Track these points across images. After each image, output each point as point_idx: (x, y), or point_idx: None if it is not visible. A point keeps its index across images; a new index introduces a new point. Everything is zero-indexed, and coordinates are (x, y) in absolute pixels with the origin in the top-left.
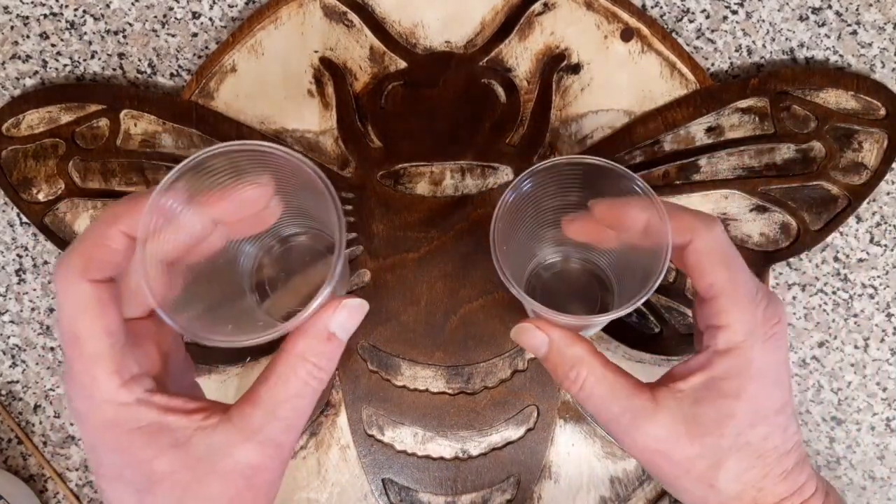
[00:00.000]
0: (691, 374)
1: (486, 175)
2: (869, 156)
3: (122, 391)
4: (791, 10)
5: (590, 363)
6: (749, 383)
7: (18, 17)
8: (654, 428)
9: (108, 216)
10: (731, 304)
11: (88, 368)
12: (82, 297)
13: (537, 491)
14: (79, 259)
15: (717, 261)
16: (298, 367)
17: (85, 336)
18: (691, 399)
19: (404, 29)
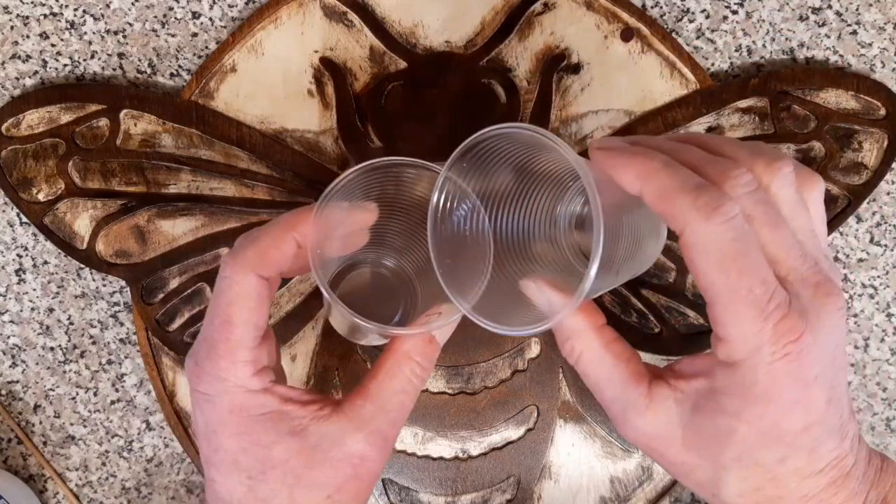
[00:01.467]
0: (694, 376)
1: None
2: (869, 156)
3: (254, 379)
4: (791, 10)
5: (587, 339)
6: (752, 405)
7: (18, 17)
8: (646, 425)
9: (285, 222)
10: (728, 315)
11: (231, 353)
12: (247, 287)
13: (537, 491)
14: (254, 253)
15: (713, 261)
16: (404, 364)
17: (237, 322)
18: (691, 404)
19: (404, 29)
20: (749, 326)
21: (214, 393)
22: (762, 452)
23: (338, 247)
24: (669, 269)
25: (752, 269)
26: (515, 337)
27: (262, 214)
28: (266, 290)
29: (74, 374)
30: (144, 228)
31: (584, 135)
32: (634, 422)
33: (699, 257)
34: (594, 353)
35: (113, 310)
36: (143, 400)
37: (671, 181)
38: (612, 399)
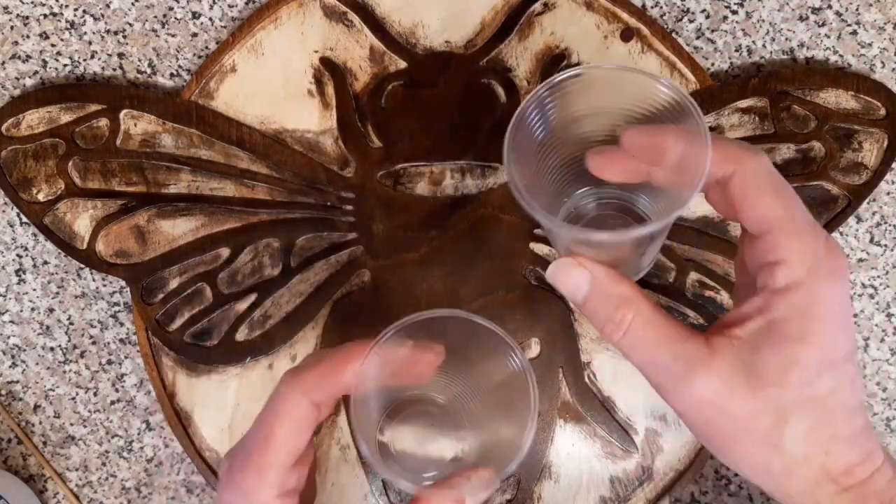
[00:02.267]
0: (747, 319)
1: (486, 175)
2: (869, 156)
3: (276, 500)
4: (791, 10)
5: (637, 303)
6: (815, 324)
7: (18, 17)
8: (711, 377)
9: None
10: (789, 236)
11: (262, 469)
12: (296, 410)
13: (537, 491)
14: (312, 378)
15: (768, 189)
16: None
17: (277, 441)
18: (750, 345)
19: (404, 29)
20: (809, 242)
21: (235, 502)
22: (819, 381)
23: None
24: (669, 269)
25: (796, 196)
26: (516, 337)
27: (262, 214)
28: (314, 415)
29: (74, 374)
30: (144, 228)
31: None
32: (701, 376)
33: (755, 188)
34: (645, 313)
35: (113, 310)
36: (143, 400)
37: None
38: (672, 358)
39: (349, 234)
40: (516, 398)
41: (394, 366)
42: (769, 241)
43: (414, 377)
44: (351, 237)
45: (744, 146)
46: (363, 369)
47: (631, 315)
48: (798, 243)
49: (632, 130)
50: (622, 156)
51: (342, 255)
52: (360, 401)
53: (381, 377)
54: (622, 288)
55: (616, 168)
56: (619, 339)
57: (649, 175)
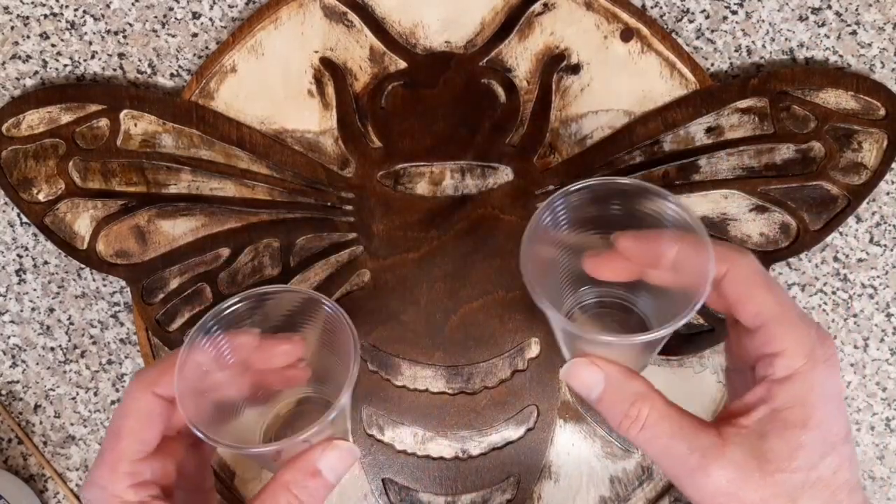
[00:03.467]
0: (751, 409)
1: (486, 175)
2: (868, 156)
3: (130, 490)
4: (791, 10)
5: (652, 399)
6: (814, 410)
7: (18, 17)
8: (726, 466)
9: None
10: (784, 328)
11: (113, 463)
12: (139, 404)
13: (537, 491)
14: (154, 373)
15: (760, 286)
16: (280, 494)
17: (124, 435)
18: (757, 434)
19: (404, 29)
20: (803, 333)
21: (93, 498)
22: (823, 463)
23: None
24: None
25: (784, 290)
26: (516, 337)
27: (262, 214)
28: (159, 408)
29: (75, 374)
30: (144, 228)
31: (583, 135)
32: (716, 467)
33: (748, 285)
34: (660, 408)
35: (113, 310)
36: None
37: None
38: (688, 450)
39: (349, 234)
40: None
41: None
42: (766, 334)
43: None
44: (351, 237)
45: (732, 247)
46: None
47: (647, 410)
48: (793, 335)
49: (625, 236)
50: (617, 257)
51: (342, 255)
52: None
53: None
54: (636, 384)
55: (611, 269)
56: (637, 434)
57: (645, 275)
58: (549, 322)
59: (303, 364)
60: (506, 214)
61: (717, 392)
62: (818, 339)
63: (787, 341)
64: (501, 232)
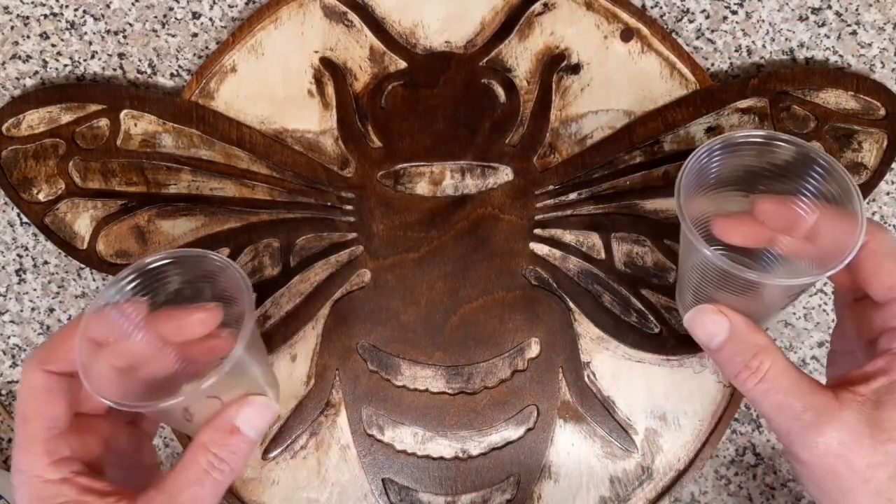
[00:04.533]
0: (871, 378)
1: (486, 175)
2: (868, 156)
3: (49, 468)
4: (791, 10)
5: (773, 354)
6: None
7: (18, 17)
8: (839, 429)
9: (76, 321)
10: None
11: (27, 445)
12: (34, 384)
13: (537, 491)
14: (41, 352)
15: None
16: (200, 455)
17: (29, 417)
18: (873, 402)
19: (404, 29)
20: None
21: (17, 484)
22: None
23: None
24: (669, 270)
25: None
26: (516, 337)
27: (262, 214)
28: (57, 384)
29: None
30: (144, 228)
31: (584, 135)
32: (829, 427)
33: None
34: (781, 363)
35: None
36: None
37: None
38: (803, 408)
39: (349, 234)
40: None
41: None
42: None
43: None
44: (351, 237)
45: (870, 221)
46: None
47: (768, 363)
48: None
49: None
50: (751, 221)
51: (342, 255)
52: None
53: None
54: (759, 337)
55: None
56: (754, 386)
57: (775, 242)
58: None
59: (226, 332)
60: (506, 214)
61: (717, 392)
62: None
63: None
64: (501, 232)
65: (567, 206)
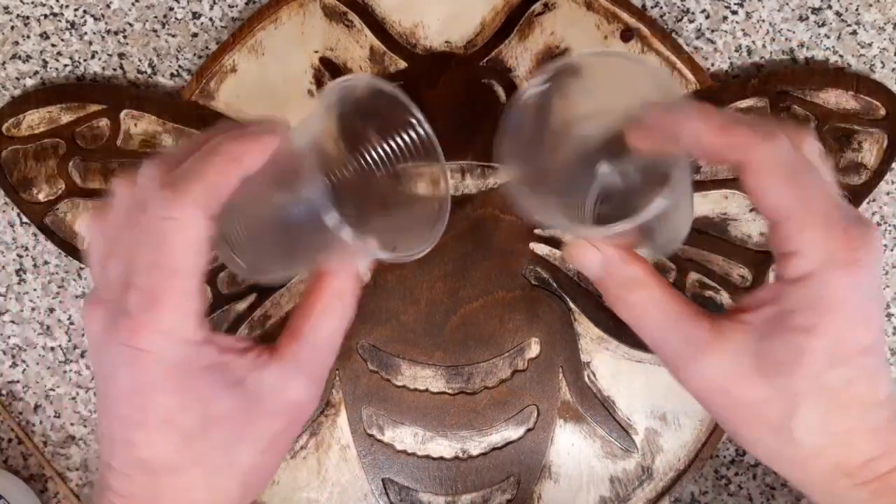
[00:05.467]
0: (760, 306)
1: (486, 175)
2: (869, 156)
3: (199, 330)
4: (791, 10)
5: (646, 284)
6: (824, 316)
7: (18, 17)
8: (718, 360)
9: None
10: (800, 227)
11: (179, 305)
12: (198, 232)
13: (537, 491)
14: (203, 192)
15: (779, 178)
16: (337, 303)
17: (187, 272)
18: (759, 333)
19: (404, 29)
20: (821, 233)
21: (155, 348)
22: (831, 374)
23: None
24: (669, 270)
25: (817, 182)
26: (516, 337)
27: None
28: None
29: (75, 374)
30: None
31: None
32: (708, 359)
33: (767, 176)
34: (655, 295)
35: None
36: None
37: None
38: (679, 340)
39: None
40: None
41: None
42: (783, 231)
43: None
44: None
45: (757, 131)
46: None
47: (640, 295)
48: (811, 233)
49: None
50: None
51: None
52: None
53: None
54: (633, 268)
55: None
56: (629, 318)
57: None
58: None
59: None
60: (506, 214)
61: None
62: (843, 241)
63: (803, 240)
64: (501, 232)
65: None
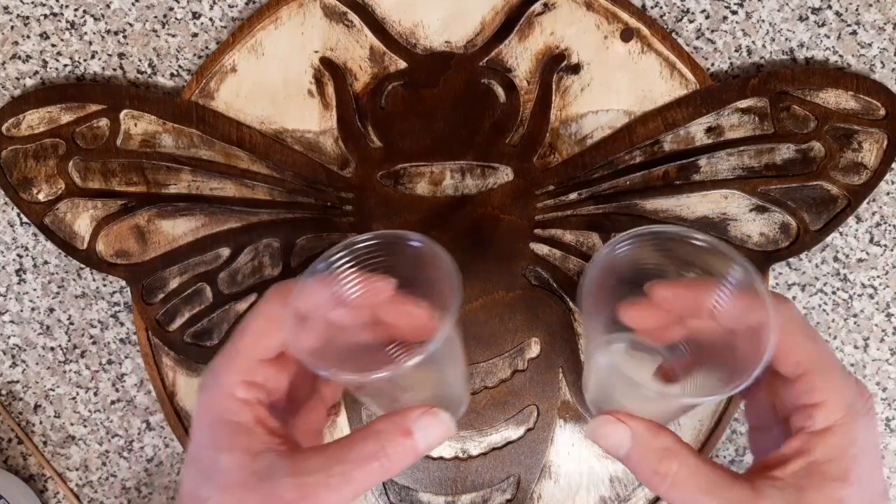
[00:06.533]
0: (788, 461)
1: (486, 175)
2: (868, 156)
3: (240, 386)
4: (791, 10)
5: (680, 454)
6: (855, 464)
7: (18, 17)
8: None
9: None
10: (824, 379)
11: (232, 357)
12: (269, 308)
13: (537, 491)
14: (291, 285)
15: (802, 335)
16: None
17: (248, 333)
18: (794, 487)
19: (404, 29)
20: (841, 384)
21: (207, 385)
22: None
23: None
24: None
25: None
26: (516, 337)
27: (262, 214)
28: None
29: (74, 374)
30: (144, 228)
31: (583, 135)
32: None
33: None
34: (690, 463)
35: (113, 310)
36: (143, 400)
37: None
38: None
39: (349, 235)
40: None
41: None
42: (806, 384)
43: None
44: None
45: (773, 294)
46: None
47: (675, 466)
48: (834, 386)
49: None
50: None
51: None
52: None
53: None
54: (663, 439)
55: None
56: (666, 490)
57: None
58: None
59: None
60: (506, 214)
61: None
62: (859, 391)
63: (827, 392)
64: (501, 232)
65: (567, 206)
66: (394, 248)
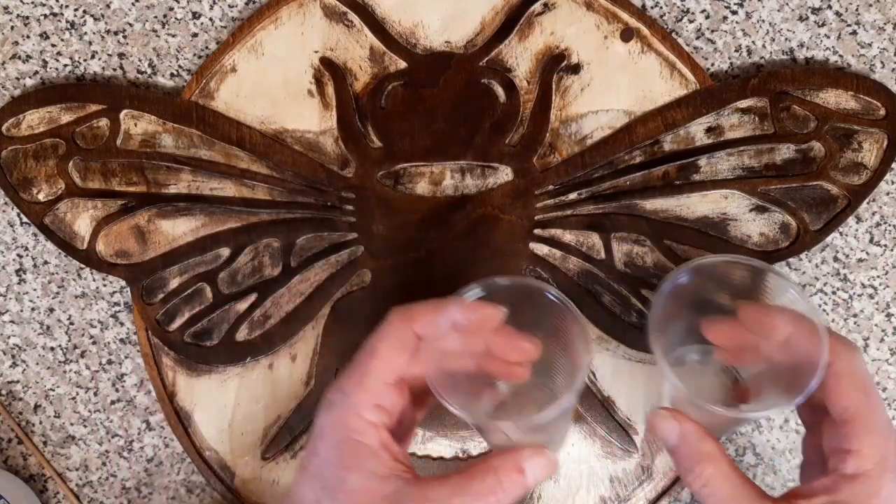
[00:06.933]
0: (815, 494)
1: (486, 175)
2: (868, 156)
3: (370, 407)
4: (791, 10)
5: (718, 461)
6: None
7: (18, 17)
8: None
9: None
10: (865, 430)
11: (363, 376)
12: (396, 331)
13: (537, 490)
14: (415, 309)
15: (857, 385)
16: (489, 475)
17: (377, 355)
18: None
19: (404, 29)
20: (879, 440)
21: (335, 403)
22: None
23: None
24: (669, 270)
25: (880, 396)
26: None
27: (262, 214)
28: (412, 343)
29: (74, 374)
30: (144, 228)
31: (583, 135)
32: None
33: (846, 382)
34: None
35: (113, 310)
36: (143, 400)
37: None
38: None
39: (349, 234)
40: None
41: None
42: (847, 431)
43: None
44: (351, 237)
45: (842, 340)
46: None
47: (711, 470)
48: (872, 438)
49: (749, 306)
50: (736, 325)
51: (342, 255)
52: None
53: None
54: (707, 445)
55: (728, 334)
56: (699, 489)
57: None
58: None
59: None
60: (506, 214)
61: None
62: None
63: (864, 442)
64: (501, 232)
65: (567, 206)
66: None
